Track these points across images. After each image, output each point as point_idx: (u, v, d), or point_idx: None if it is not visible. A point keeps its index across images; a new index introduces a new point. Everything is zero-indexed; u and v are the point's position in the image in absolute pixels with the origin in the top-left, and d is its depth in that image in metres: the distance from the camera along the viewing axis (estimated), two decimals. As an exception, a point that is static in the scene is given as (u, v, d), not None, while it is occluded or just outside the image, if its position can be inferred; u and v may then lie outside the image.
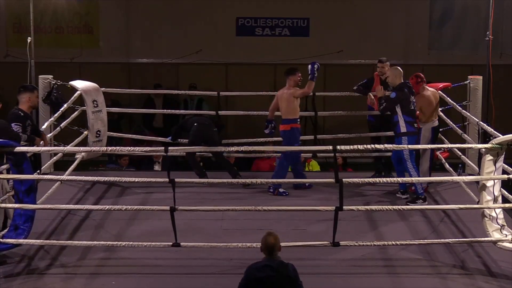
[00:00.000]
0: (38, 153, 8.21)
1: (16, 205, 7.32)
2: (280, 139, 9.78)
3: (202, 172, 9.89)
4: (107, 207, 7.77)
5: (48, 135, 9.36)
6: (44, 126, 9.18)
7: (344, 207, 7.29)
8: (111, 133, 10.60)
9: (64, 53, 14.40)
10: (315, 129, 10.51)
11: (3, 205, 7.41)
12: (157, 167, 11.95)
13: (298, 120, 9.57)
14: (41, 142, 8.18)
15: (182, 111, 12.77)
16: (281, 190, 9.48)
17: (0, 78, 13.49)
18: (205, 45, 14.53)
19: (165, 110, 12.70)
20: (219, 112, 10.54)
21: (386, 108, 9.05)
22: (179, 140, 10.23)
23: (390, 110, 9.06)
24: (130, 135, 11.69)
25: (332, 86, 12.79)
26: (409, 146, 8.61)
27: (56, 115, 9.56)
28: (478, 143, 9.43)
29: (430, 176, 9.45)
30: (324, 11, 14.60)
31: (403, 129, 9.01)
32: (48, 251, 7.61)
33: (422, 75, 9.52)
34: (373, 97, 9.79)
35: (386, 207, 7.74)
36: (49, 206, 7.73)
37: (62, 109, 9.60)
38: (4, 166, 7.41)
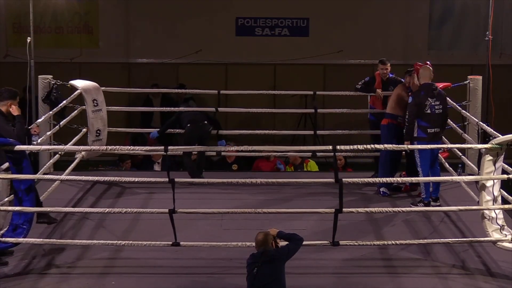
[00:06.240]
0: (37, 152, 8.18)
1: (16, 208, 7.28)
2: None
3: (195, 173, 9.89)
4: (107, 209, 7.75)
5: (47, 133, 9.38)
6: (40, 120, 9.15)
7: (344, 209, 7.27)
8: (111, 128, 10.50)
9: (64, 53, 14.38)
10: (315, 127, 10.51)
11: (3, 207, 7.39)
12: (157, 167, 11.95)
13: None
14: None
15: (177, 108, 12.71)
16: (383, 190, 9.48)
17: (0, 78, 13.48)
18: (204, 45, 14.51)
19: (161, 108, 12.70)
20: (218, 109, 10.55)
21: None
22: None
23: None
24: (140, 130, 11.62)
25: (332, 86, 12.76)
26: (410, 146, 8.56)
27: (54, 110, 9.53)
28: (478, 143, 9.42)
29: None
30: (324, 11, 14.59)
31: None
32: (48, 251, 7.60)
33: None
34: (380, 93, 9.89)
35: (386, 209, 7.72)
36: (48, 208, 7.70)
37: (61, 104, 9.58)
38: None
